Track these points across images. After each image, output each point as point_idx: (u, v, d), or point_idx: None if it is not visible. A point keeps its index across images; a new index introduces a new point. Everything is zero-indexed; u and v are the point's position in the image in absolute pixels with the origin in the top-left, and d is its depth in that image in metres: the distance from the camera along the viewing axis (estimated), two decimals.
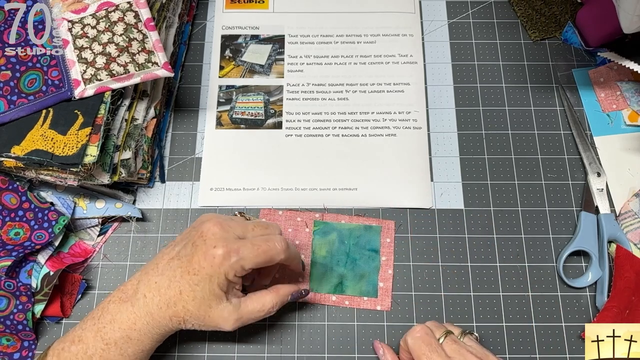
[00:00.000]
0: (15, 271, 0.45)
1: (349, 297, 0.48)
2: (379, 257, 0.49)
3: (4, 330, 0.45)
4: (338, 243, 0.49)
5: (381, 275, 0.48)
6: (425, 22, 0.59)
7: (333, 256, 0.49)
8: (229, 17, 0.59)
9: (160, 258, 0.40)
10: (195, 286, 0.38)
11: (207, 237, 0.38)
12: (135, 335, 0.38)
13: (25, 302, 0.45)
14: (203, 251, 0.38)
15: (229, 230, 0.39)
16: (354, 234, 0.50)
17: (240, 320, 0.40)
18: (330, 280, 0.48)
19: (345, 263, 0.49)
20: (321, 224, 0.50)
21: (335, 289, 0.48)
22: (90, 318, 0.39)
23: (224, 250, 0.38)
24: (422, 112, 0.55)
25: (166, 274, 0.39)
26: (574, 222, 0.51)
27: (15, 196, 0.47)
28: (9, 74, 0.46)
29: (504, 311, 0.48)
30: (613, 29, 0.50)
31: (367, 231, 0.50)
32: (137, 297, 0.39)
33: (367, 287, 0.48)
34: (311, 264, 0.49)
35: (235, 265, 0.38)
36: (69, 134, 0.44)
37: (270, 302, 0.41)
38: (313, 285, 0.48)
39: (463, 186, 0.52)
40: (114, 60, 0.45)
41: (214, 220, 0.39)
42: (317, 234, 0.50)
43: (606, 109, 0.54)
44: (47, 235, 0.46)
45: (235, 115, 0.55)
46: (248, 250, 0.38)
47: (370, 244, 0.49)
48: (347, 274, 0.48)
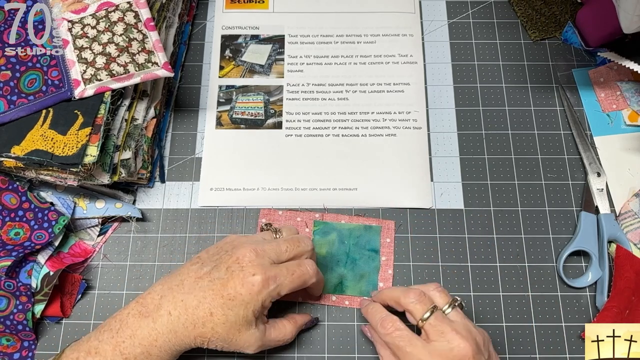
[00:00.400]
0: (15, 271, 0.45)
1: (349, 297, 0.48)
2: (378, 257, 0.49)
3: (4, 330, 0.45)
4: (338, 243, 0.49)
5: (381, 275, 0.48)
6: (425, 22, 0.59)
7: (333, 256, 0.49)
8: (229, 17, 0.59)
9: (185, 275, 0.40)
10: (229, 310, 0.38)
11: (244, 264, 0.39)
12: (156, 351, 0.38)
13: (25, 302, 0.45)
14: (240, 278, 0.38)
15: (264, 256, 0.39)
16: (354, 234, 0.50)
17: (262, 346, 0.41)
18: (330, 280, 0.48)
19: (345, 263, 0.49)
20: (321, 224, 0.50)
21: (335, 289, 0.48)
22: (108, 330, 0.39)
23: (263, 277, 0.38)
24: (422, 112, 0.55)
25: (194, 293, 0.38)
26: (574, 222, 0.51)
27: (15, 196, 0.47)
28: (9, 74, 0.46)
29: (504, 311, 0.48)
30: (613, 29, 0.50)
31: (367, 231, 0.50)
32: (160, 313, 0.38)
33: (367, 287, 0.48)
34: None
35: (273, 292, 0.39)
36: (69, 134, 0.44)
37: (290, 333, 0.43)
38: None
39: (463, 186, 0.52)
40: (114, 60, 0.45)
41: (248, 246, 0.40)
42: (317, 234, 0.50)
43: (606, 109, 0.54)
44: (47, 235, 0.46)
45: (235, 115, 0.55)
46: (284, 276, 0.39)
47: (370, 244, 0.49)
48: (347, 274, 0.48)
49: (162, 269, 0.49)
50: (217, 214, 0.51)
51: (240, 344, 0.39)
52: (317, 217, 0.50)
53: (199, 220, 0.51)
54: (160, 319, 0.38)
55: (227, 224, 0.51)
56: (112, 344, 0.38)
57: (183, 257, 0.49)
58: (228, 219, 0.51)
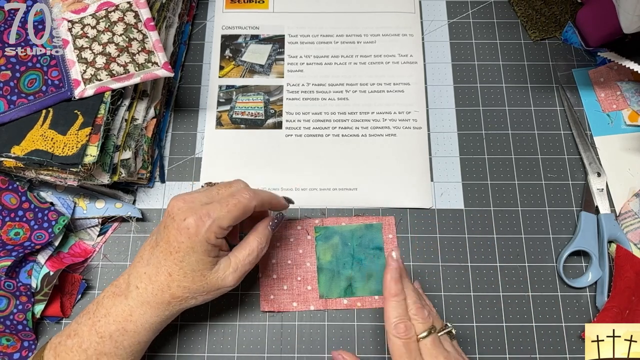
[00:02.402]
0: (15, 271, 0.45)
1: (360, 298, 0.48)
2: (384, 254, 0.49)
3: (4, 330, 0.45)
4: (341, 246, 0.49)
5: None
6: (425, 22, 0.59)
7: (338, 259, 0.49)
8: (229, 17, 0.59)
9: (143, 250, 0.41)
10: (181, 263, 0.38)
11: (175, 214, 0.39)
12: (131, 327, 0.39)
13: (25, 302, 0.45)
14: (175, 227, 0.38)
15: (194, 200, 0.39)
16: (356, 235, 0.50)
17: (237, 271, 0.40)
18: (339, 284, 0.48)
19: (351, 265, 0.49)
20: (322, 229, 0.50)
21: (345, 292, 0.48)
22: (86, 313, 0.40)
23: (194, 218, 0.38)
24: (422, 112, 0.55)
25: (152, 262, 0.39)
26: (574, 222, 0.51)
27: (15, 196, 0.47)
28: (9, 74, 0.46)
29: (504, 311, 0.48)
30: (613, 29, 0.50)
31: (369, 230, 0.50)
32: (129, 289, 0.39)
33: (376, 285, 0.48)
34: (318, 270, 0.49)
35: (212, 227, 0.38)
36: (69, 134, 0.44)
37: (255, 241, 0.42)
38: (323, 291, 0.48)
39: (463, 186, 0.52)
40: (114, 60, 0.45)
41: (177, 197, 0.40)
42: (319, 240, 0.50)
43: (606, 109, 0.54)
44: (47, 235, 0.46)
45: (235, 115, 0.55)
46: (218, 210, 0.38)
47: (373, 242, 0.49)
48: (355, 276, 0.48)
49: None
50: None
51: (214, 283, 0.40)
52: (317, 223, 0.50)
53: None
54: (130, 295, 0.39)
55: None
56: (89, 325, 0.39)
57: None
58: None
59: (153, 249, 0.40)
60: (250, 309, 0.48)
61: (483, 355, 0.46)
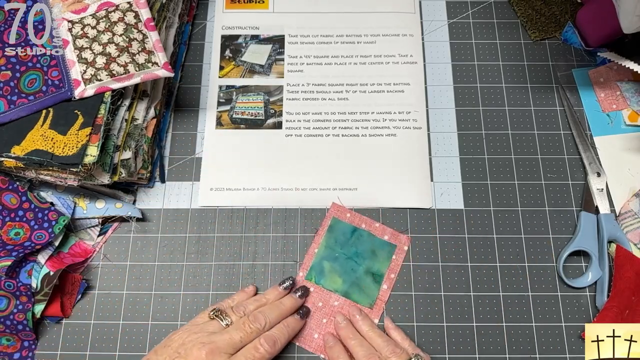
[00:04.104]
0: (15, 271, 0.45)
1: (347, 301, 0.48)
2: (380, 286, 0.48)
3: (4, 330, 0.45)
4: (348, 253, 0.49)
5: (380, 296, 0.48)
6: (425, 22, 0.59)
7: (341, 262, 0.49)
8: (229, 17, 0.59)
9: None
10: None
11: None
12: None
13: (25, 302, 0.45)
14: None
15: (219, 352, 0.39)
16: (367, 247, 0.49)
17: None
18: (335, 280, 0.48)
19: (350, 272, 0.49)
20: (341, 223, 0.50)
21: (338, 289, 0.48)
22: None
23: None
24: (422, 112, 0.55)
25: None
26: (574, 222, 0.51)
27: (15, 196, 0.47)
28: (9, 74, 0.46)
29: (504, 311, 0.48)
30: (613, 29, 0.50)
31: (381, 247, 0.49)
32: None
33: (359, 297, 0.48)
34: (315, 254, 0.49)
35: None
36: (69, 134, 0.44)
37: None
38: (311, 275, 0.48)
39: (463, 186, 0.52)
40: (114, 60, 0.45)
41: (201, 347, 0.39)
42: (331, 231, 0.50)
43: (606, 109, 0.54)
44: (47, 235, 0.46)
45: (235, 115, 0.55)
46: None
47: (376, 267, 0.49)
48: (349, 281, 0.48)
49: (162, 269, 0.49)
50: (217, 214, 0.51)
51: None
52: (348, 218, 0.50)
53: (199, 220, 0.51)
54: None
55: (227, 224, 0.51)
56: None
57: (183, 257, 0.49)
58: (228, 219, 0.51)
59: None
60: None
61: (483, 355, 0.46)
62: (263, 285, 0.49)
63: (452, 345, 0.47)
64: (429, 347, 0.47)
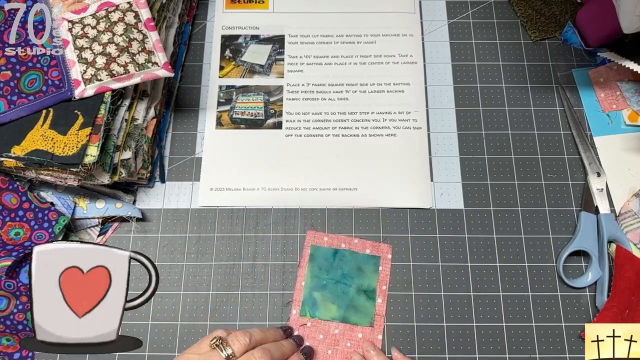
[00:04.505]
0: (15, 271, 0.45)
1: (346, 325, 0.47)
2: (374, 301, 0.48)
3: (4, 330, 0.45)
4: (336, 275, 0.49)
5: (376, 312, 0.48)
6: (425, 22, 0.59)
7: (330, 286, 0.48)
8: (229, 17, 0.59)
9: None
10: None
11: None
12: None
13: (25, 302, 0.45)
14: None
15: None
16: (351, 265, 0.49)
17: None
18: (329, 308, 0.47)
19: (342, 295, 0.48)
20: (316, 248, 0.49)
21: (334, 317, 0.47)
22: None
23: None
24: (422, 112, 0.55)
25: None
26: (574, 222, 0.51)
27: (15, 196, 0.47)
28: (9, 74, 0.46)
29: (504, 311, 0.48)
30: (613, 29, 0.50)
31: (365, 262, 0.49)
32: None
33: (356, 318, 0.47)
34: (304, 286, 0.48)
35: None
36: (69, 134, 0.44)
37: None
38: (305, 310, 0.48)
39: (463, 186, 0.52)
40: (114, 60, 0.45)
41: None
42: (313, 260, 0.49)
43: (606, 109, 0.54)
44: (47, 235, 0.46)
45: (235, 115, 0.55)
46: None
47: (366, 283, 0.48)
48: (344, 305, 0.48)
49: (162, 269, 0.49)
50: (217, 214, 0.51)
51: None
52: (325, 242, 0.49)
53: (199, 220, 0.51)
54: None
55: (227, 224, 0.51)
56: None
57: (183, 257, 0.49)
58: (228, 219, 0.51)
59: None
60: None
61: (483, 355, 0.46)
62: (263, 285, 0.49)
63: (452, 345, 0.47)
64: (429, 347, 0.47)
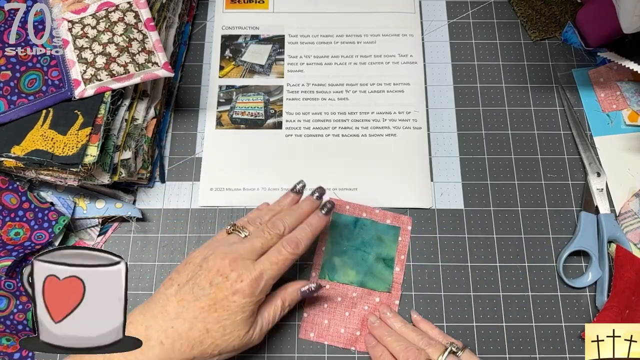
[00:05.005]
0: (15, 271, 0.45)
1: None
2: (392, 269, 0.49)
3: (4, 330, 0.45)
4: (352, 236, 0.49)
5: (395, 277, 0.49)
6: (425, 22, 0.59)
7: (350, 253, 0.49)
8: (229, 17, 0.59)
9: (165, 300, 0.38)
10: (225, 320, 0.38)
11: (227, 274, 0.38)
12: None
13: (25, 302, 0.45)
14: (228, 287, 0.38)
15: (243, 259, 0.39)
16: (371, 233, 0.50)
17: (262, 331, 0.41)
18: (348, 273, 0.48)
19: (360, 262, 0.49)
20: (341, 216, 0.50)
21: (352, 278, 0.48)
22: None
23: (250, 280, 0.38)
24: (422, 112, 0.55)
25: (183, 316, 0.37)
26: (574, 222, 0.51)
27: (15, 196, 0.47)
28: (9, 74, 0.46)
29: (504, 311, 0.48)
30: (613, 29, 0.50)
31: (385, 232, 0.50)
32: (150, 344, 0.36)
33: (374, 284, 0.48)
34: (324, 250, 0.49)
35: (264, 287, 0.39)
36: (69, 134, 0.44)
37: (280, 306, 0.42)
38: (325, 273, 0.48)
39: (463, 186, 0.52)
40: (114, 60, 0.45)
41: (224, 256, 0.39)
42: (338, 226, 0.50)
43: (606, 109, 0.54)
44: (47, 235, 0.46)
45: (235, 115, 0.55)
46: (268, 268, 0.39)
47: (385, 252, 0.49)
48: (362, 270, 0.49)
49: (162, 269, 0.49)
50: (217, 214, 0.51)
51: (245, 344, 0.40)
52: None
53: (199, 220, 0.51)
54: (151, 350, 0.36)
55: (227, 224, 0.51)
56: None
57: (183, 257, 0.49)
58: (228, 219, 0.51)
59: (183, 302, 0.38)
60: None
61: (483, 355, 0.46)
62: None
63: None
64: None
